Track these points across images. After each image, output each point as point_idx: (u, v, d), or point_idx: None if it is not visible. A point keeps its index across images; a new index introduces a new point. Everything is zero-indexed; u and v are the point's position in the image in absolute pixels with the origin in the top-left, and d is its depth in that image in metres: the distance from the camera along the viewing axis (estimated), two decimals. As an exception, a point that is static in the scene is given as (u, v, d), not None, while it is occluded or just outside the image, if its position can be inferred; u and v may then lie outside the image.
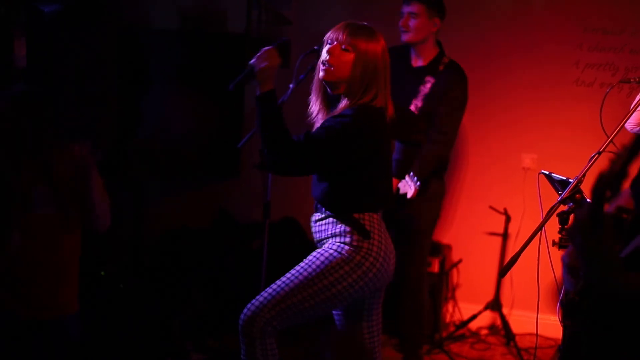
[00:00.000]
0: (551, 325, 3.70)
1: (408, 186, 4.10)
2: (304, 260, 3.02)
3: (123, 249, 5.19)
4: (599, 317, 1.98)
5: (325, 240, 3.04)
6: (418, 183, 4.06)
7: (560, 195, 2.90)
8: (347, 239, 2.95)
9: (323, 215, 3.04)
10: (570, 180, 2.90)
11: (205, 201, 5.65)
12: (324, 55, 2.99)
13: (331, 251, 2.96)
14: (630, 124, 3.40)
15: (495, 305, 5.06)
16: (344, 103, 2.99)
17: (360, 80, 2.95)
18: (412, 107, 4.28)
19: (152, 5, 5.65)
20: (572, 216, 2.88)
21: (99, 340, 4.28)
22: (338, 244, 2.96)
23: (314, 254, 3.01)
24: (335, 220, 2.99)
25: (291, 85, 4.09)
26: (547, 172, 3.10)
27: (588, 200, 2.83)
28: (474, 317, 5.04)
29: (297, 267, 3.00)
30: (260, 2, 5.09)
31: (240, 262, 5.07)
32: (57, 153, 3.20)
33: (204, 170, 5.50)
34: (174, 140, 5.38)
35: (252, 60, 2.95)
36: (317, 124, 3.08)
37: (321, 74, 2.99)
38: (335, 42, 2.97)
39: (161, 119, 5.47)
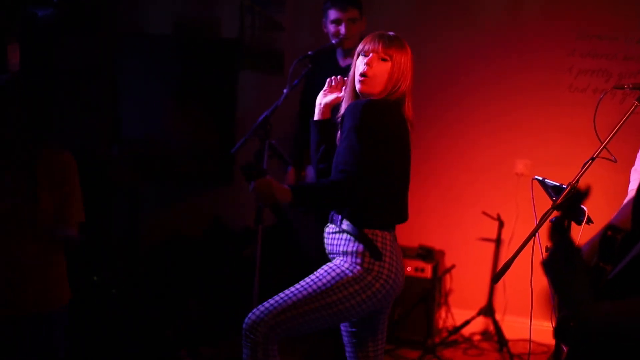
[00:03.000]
0: (544, 331, 3.69)
1: None
2: (315, 272, 3.01)
3: (117, 254, 5.17)
4: (581, 346, 2.01)
5: (336, 255, 3.04)
6: None
7: (553, 201, 2.90)
8: (359, 260, 2.95)
9: (337, 229, 3.03)
10: (563, 186, 2.89)
11: (199, 207, 5.64)
12: (362, 67, 3.01)
13: (343, 268, 2.96)
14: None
15: (488, 310, 5.06)
16: None
17: (393, 87, 2.99)
18: None
19: (146, 11, 5.64)
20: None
21: (91, 346, 4.27)
22: (350, 262, 2.97)
23: (325, 268, 3.01)
24: (349, 237, 2.98)
25: (285, 91, 4.09)
26: (540, 178, 3.10)
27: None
28: (466, 322, 5.03)
29: (307, 279, 2.99)
30: (253, 8, 5.10)
31: (233, 268, 5.06)
32: (47, 150, 3.20)
33: (197, 176, 5.50)
34: (167, 146, 5.37)
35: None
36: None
37: (359, 86, 3.02)
38: (372, 54, 3.01)
39: (155, 125, 5.47)
